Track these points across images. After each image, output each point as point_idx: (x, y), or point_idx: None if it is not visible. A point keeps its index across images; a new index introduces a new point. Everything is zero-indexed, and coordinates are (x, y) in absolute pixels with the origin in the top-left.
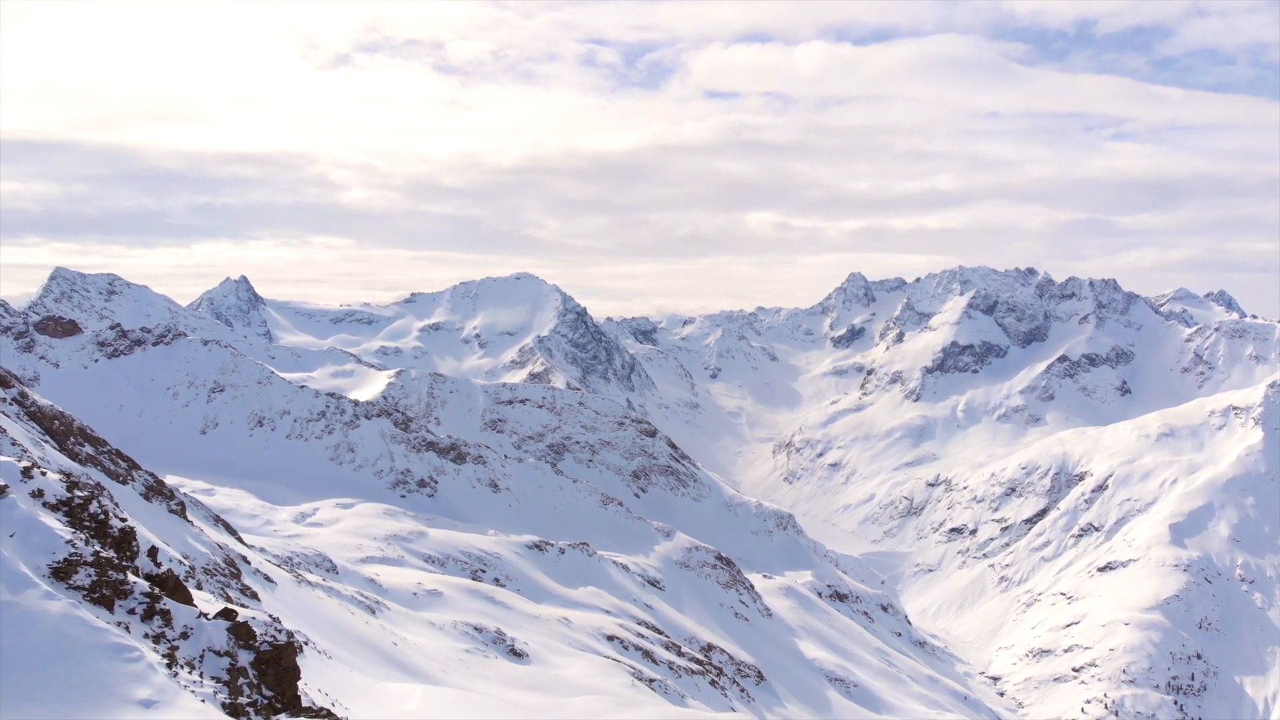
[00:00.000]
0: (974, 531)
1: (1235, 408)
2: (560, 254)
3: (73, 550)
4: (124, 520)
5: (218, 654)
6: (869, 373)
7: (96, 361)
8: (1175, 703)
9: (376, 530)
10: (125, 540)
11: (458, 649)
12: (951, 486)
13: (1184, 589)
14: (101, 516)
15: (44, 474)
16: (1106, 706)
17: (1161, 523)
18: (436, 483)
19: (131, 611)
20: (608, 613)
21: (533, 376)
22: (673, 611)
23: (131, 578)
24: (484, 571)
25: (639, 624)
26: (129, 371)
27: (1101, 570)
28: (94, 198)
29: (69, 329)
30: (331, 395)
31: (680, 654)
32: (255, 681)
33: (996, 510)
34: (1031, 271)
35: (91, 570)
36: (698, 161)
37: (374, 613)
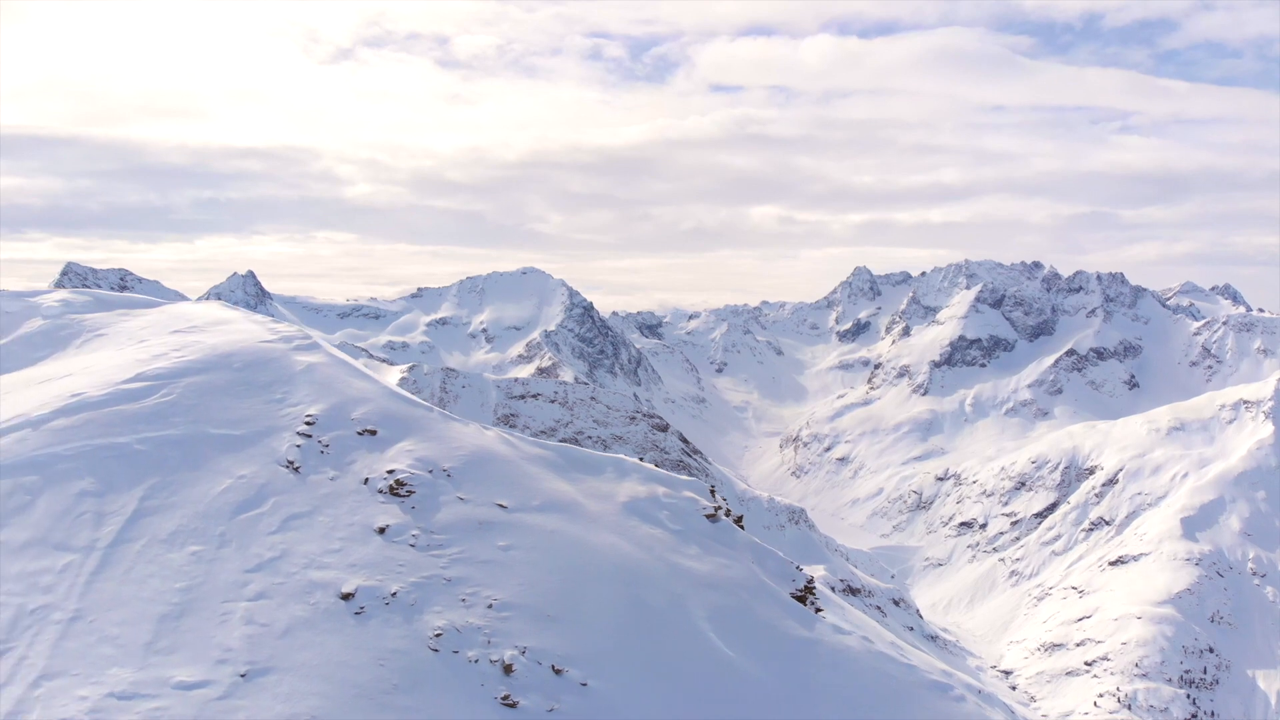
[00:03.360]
0: (984, 525)
1: (1245, 401)
2: (563, 248)
3: (809, 577)
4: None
5: None
6: (876, 367)
7: None
8: (1188, 696)
9: None
10: None
11: None
12: (960, 480)
13: (1196, 583)
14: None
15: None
16: (1119, 700)
17: (1172, 516)
18: None
19: None
20: None
21: (540, 371)
22: None
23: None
24: None
25: None
26: None
27: (1113, 564)
28: (98, 193)
29: None
30: None
31: None
32: None
33: (1006, 504)
34: (1037, 265)
35: (815, 599)
36: (702, 155)
37: None
